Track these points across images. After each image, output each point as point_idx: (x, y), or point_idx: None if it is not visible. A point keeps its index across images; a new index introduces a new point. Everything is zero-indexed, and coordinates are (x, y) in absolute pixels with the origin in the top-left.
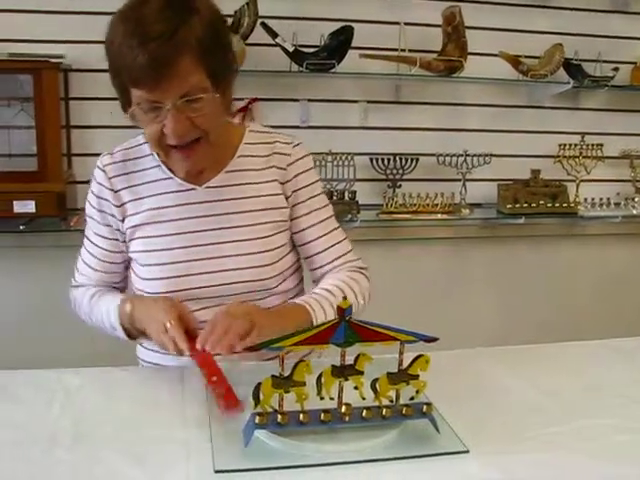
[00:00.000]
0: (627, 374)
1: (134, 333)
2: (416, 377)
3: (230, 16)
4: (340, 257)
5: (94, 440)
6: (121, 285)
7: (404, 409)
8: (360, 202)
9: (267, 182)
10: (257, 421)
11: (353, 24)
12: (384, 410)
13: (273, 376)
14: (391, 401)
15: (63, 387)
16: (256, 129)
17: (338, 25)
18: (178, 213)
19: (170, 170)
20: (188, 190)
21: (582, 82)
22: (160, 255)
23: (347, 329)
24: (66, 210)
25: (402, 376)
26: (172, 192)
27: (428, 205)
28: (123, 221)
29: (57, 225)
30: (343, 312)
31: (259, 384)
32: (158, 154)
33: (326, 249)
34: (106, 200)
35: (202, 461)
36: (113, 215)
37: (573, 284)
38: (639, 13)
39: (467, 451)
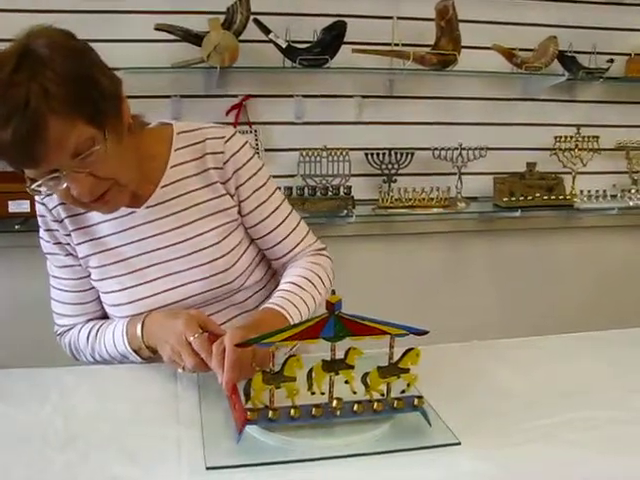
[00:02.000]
0: (623, 366)
1: (145, 354)
2: (407, 371)
3: (223, 13)
4: (299, 244)
5: (87, 438)
6: (104, 312)
7: (395, 402)
8: (356, 197)
9: (206, 186)
10: (248, 417)
11: (346, 19)
12: (375, 404)
13: (264, 372)
14: (382, 395)
15: (57, 386)
16: (184, 129)
17: (331, 20)
18: (123, 238)
19: None
20: (128, 214)
21: (577, 74)
22: (117, 282)
23: (337, 323)
24: None
25: (393, 370)
26: (113, 219)
27: (424, 199)
28: (76, 250)
29: None
30: (333, 307)
31: (250, 380)
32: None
33: (283, 239)
34: (56, 230)
35: (194, 458)
36: (69, 244)
37: (570, 276)
38: (633, 4)
39: (459, 443)
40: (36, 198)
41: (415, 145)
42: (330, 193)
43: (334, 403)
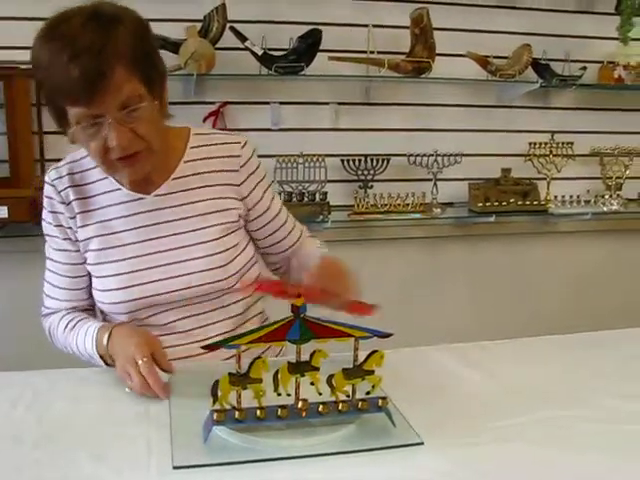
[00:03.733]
0: (593, 367)
1: (109, 361)
2: (371, 373)
3: (199, 21)
4: (299, 238)
5: (58, 439)
6: (91, 301)
7: (360, 403)
8: (331, 203)
9: (215, 185)
10: (215, 418)
11: (321, 27)
12: (340, 405)
13: (230, 374)
14: (347, 396)
15: (30, 388)
16: (200, 132)
17: (306, 28)
18: (127, 223)
19: (117, 181)
20: (136, 200)
21: (551, 81)
22: (112, 267)
23: (302, 326)
24: (39, 215)
25: (357, 372)
26: (121, 203)
27: (399, 205)
28: (78, 232)
29: (30, 230)
30: (298, 309)
31: (217, 381)
32: (102, 169)
33: (288, 234)
34: (61, 213)
35: (163, 458)
36: (70, 227)
37: (544, 281)
38: (605, 13)
39: (422, 443)
40: (46, 179)
41: (391, 151)
42: (306, 199)
43: (300, 404)
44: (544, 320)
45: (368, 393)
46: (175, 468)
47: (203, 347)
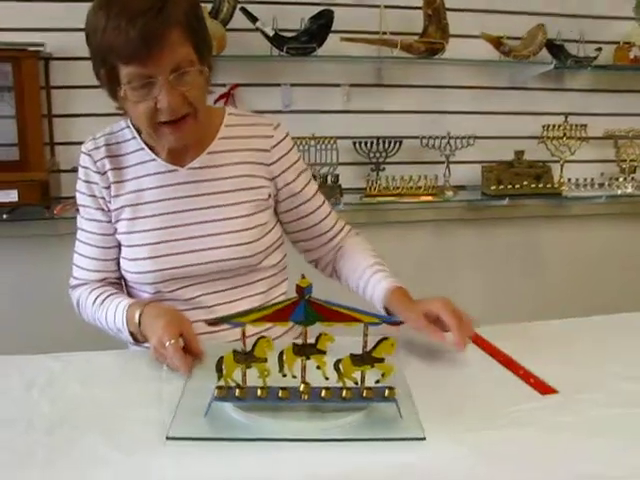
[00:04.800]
0: (608, 350)
1: (139, 338)
2: (380, 360)
3: (210, 2)
4: (335, 224)
5: (71, 423)
6: (119, 274)
7: (365, 392)
8: (343, 186)
9: (246, 163)
10: (216, 394)
11: (333, 7)
12: (344, 392)
13: (235, 351)
14: (356, 383)
15: (44, 372)
16: (235, 112)
17: (318, 9)
18: (160, 194)
19: (153, 152)
20: (171, 171)
21: (565, 62)
22: (142, 236)
23: (307, 308)
24: (50, 198)
25: (366, 358)
26: (155, 174)
27: (412, 188)
28: (111, 202)
29: (41, 214)
30: (302, 291)
31: (221, 358)
32: (143, 134)
33: (323, 219)
34: (95, 183)
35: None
36: (103, 198)
37: (557, 264)
38: None
39: (423, 438)
40: (83, 149)
41: (403, 133)
42: (318, 181)
43: (302, 387)
44: (557, 303)
45: (378, 381)
46: (168, 439)
47: (206, 322)
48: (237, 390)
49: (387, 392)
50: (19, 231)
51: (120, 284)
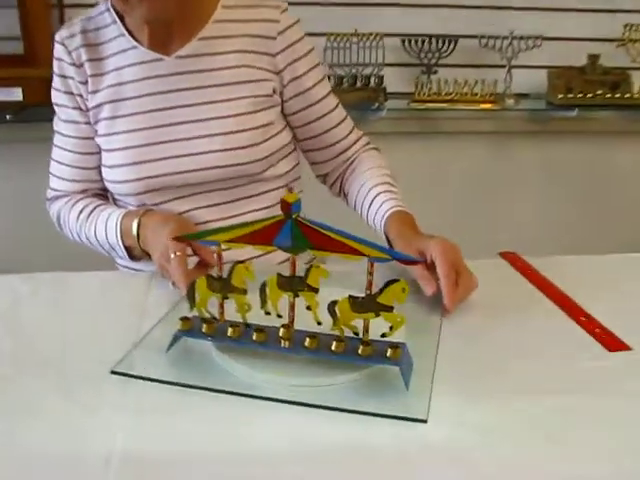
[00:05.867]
0: None
1: (137, 254)
2: (388, 309)
3: None
4: (350, 133)
5: (25, 357)
6: (102, 184)
7: (361, 348)
8: (388, 89)
9: (246, 52)
10: (180, 326)
11: None
12: (334, 344)
13: (210, 276)
14: (356, 334)
15: (9, 295)
16: None
17: None
18: (142, 88)
19: (135, 39)
20: (155, 60)
21: None
22: (122, 139)
23: (294, 230)
24: None
25: (369, 304)
26: (137, 64)
27: (467, 94)
28: (88, 100)
29: (48, 115)
30: (289, 207)
31: (194, 283)
32: (117, 7)
33: (335, 126)
34: (71, 78)
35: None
36: (81, 95)
37: (630, 189)
38: None
39: (425, 420)
40: (56, 38)
41: (459, 32)
42: (359, 83)
43: (281, 331)
44: (626, 235)
45: (384, 335)
46: (113, 373)
47: (174, 238)
48: (204, 325)
49: (390, 352)
50: (24, 134)
51: (106, 197)
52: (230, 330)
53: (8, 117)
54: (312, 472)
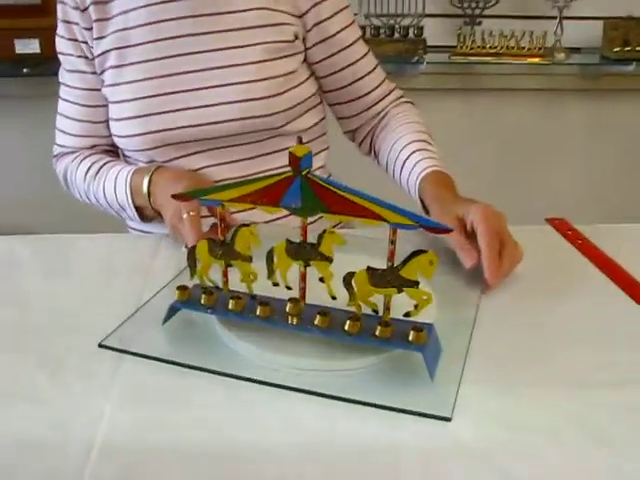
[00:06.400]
0: None
1: (149, 214)
2: (412, 284)
3: None
4: (381, 84)
5: (18, 328)
6: (111, 140)
7: (379, 328)
8: (428, 42)
9: None
10: (176, 296)
11: None
12: (347, 322)
13: (211, 240)
14: (375, 311)
15: (6, 257)
16: None
17: None
18: (150, 33)
19: None
20: (164, 2)
21: None
22: (129, 89)
23: (304, 188)
24: None
25: (391, 277)
26: (144, 6)
27: (513, 47)
28: (94, 47)
29: None
30: (298, 162)
31: (193, 248)
32: None
33: (365, 75)
34: (75, 24)
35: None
36: (86, 42)
37: None
38: None
39: (449, 419)
40: None
41: None
42: (397, 35)
43: (288, 306)
44: None
45: (408, 315)
46: (100, 346)
47: (173, 196)
48: (204, 295)
49: (412, 335)
50: (42, 89)
51: (116, 153)
52: (232, 302)
53: (25, 70)
54: (320, 469)
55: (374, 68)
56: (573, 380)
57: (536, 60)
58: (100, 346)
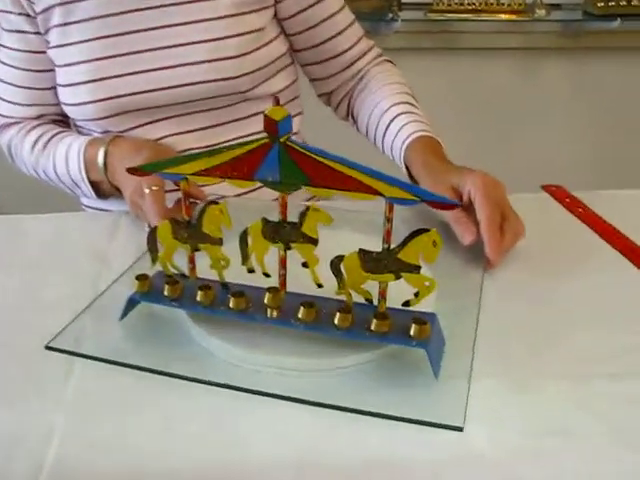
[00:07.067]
0: None
1: (106, 190)
2: (412, 269)
3: None
4: (358, 42)
5: None
6: (61, 109)
7: (374, 322)
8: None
9: None
10: (135, 287)
11: None
12: (337, 315)
13: (175, 221)
14: (369, 300)
15: None
16: None
17: None
18: None
19: None
20: None
21: None
22: (77, 50)
23: (283, 158)
24: None
25: (387, 261)
26: None
27: (491, 4)
28: (35, 3)
29: None
30: (275, 126)
31: (155, 229)
32: None
33: (340, 33)
34: None
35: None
36: None
37: None
38: None
39: (460, 429)
40: None
41: None
42: None
43: (267, 297)
44: None
45: (407, 304)
46: (47, 348)
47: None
48: (167, 286)
49: (414, 328)
50: None
51: (67, 123)
52: (200, 293)
53: None
54: None
55: (350, 24)
56: (592, 369)
57: (516, 17)
58: (47, 348)
